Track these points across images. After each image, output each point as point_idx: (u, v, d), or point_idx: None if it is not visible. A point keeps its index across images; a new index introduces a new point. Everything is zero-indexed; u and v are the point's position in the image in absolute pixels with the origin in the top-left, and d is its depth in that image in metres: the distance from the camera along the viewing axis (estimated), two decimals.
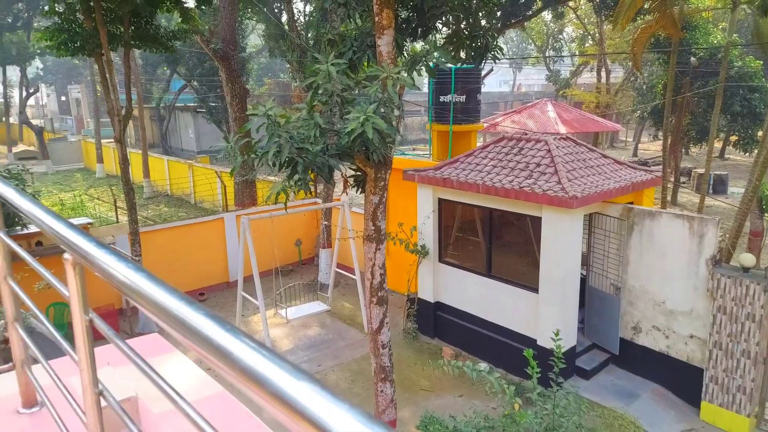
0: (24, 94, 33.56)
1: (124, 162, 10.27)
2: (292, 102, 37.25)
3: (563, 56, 39.53)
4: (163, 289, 0.93)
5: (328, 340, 11.19)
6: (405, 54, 7.34)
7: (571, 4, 27.40)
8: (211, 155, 29.01)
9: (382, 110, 5.45)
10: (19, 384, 2.12)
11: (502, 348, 9.59)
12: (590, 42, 36.39)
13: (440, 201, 10.55)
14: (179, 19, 11.15)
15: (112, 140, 34.21)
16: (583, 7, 31.99)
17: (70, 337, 1.50)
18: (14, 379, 2.16)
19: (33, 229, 10.16)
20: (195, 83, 32.70)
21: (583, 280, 9.58)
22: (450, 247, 10.87)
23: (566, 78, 36.91)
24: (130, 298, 1.00)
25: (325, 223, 14.08)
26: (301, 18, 24.49)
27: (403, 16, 7.46)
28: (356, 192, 7.00)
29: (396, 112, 5.54)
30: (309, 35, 17.92)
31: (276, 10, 22.17)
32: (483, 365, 5.80)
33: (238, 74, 16.87)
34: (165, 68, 34.07)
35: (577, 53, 37.21)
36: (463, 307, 10.42)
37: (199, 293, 13.24)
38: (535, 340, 8.97)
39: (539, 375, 5.38)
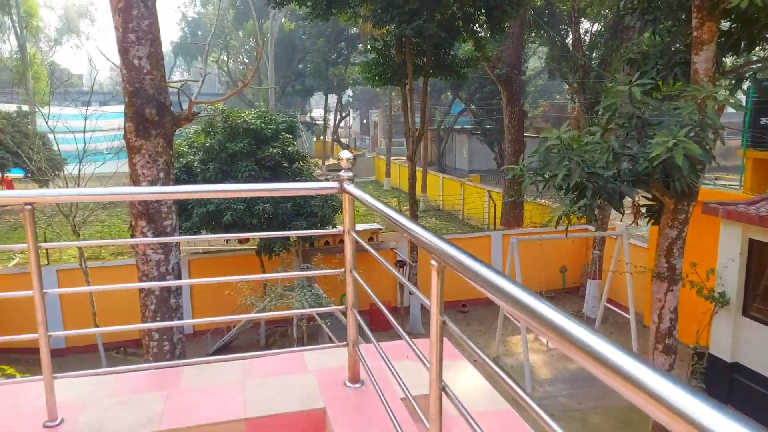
0: (338, 117, 40.58)
1: (413, 178, 11.46)
2: (568, 123, 36.04)
3: None
4: (521, 289, 1.02)
5: (591, 378, 10.36)
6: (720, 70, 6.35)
7: None
8: (482, 174, 30.13)
9: (692, 134, 4.81)
10: (348, 360, 2.53)
11: None
12: None
13: (752, 242, 8.75)
14: (467, 48, 11.94)
15: (400, 157, 38.60)
16: None
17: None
18: (344, 355, 2.58)
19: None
20: (473, 107, 34.63)
21: None
22: (759, 300, 8.90)
23: None
24: (492, 296, 1.09)
25: (596, 252, 13.15)
26: (586, 38, 23.58)
27: (723, 28, 6.48)
28: (647, 223, 6.33)
29: (711, 136, 4.83)
30: (594, 55, 17.11)
31: (561, 32, 21.85)
32: None
33: (517, 97, 17.15)
34: (448, 94, 36.90)
35: None
36: None
37: (461, 305, 13.83)
38: None
39: None
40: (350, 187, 2.31)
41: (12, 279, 11.26)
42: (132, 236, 4.89)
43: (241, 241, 11.33)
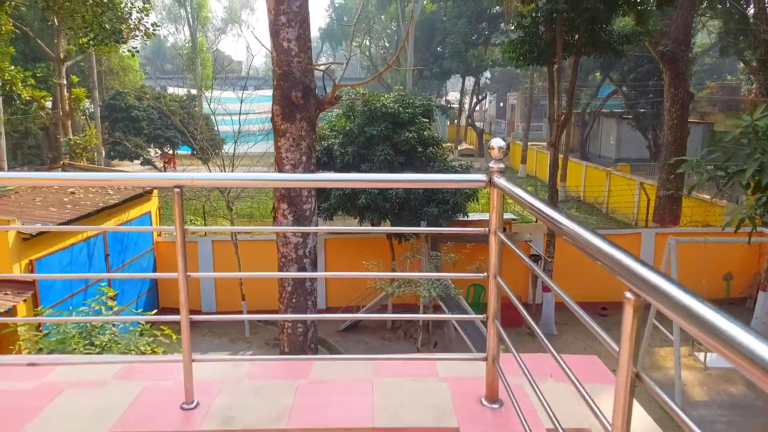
0: (474, 100, 39.62)
1: (554, 166, 10.66)
2: (742, 108, 31.27)
3: None
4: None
5: (757, 407, 8.91)
6: None
7: None
8: (631, 163, 27.44)
9: None
10: (486, 376, 2.26)
11: None
12: None
13: None
14: (623, 22, 10.68)
15: (537, 143, 36.78)
16: None
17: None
18: (481, 366, 2.31)
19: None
20: (624, 89, 31.56)
21: None
22: None
23: None
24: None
25: None
26: None
27: None
28: None
29: None
30: None
31: (741, 2, 18.83)
32: None
33: (683, 78, 15.13)
34: (597, 74, 34.06)
35: None
36: None
37: (601, 307, 12.72)
38: None
39: None
40: (501, 181, 2.01)
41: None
42: (274, 218, 5.05)
43: (374, 223, 11.50)
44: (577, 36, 9.72)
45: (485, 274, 2.19)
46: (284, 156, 4.78)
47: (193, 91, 34.37)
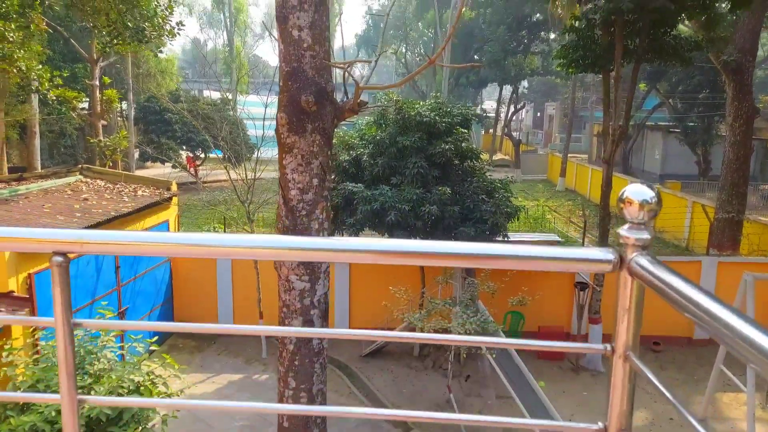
0: (511, 110, 38.34)
1: (608, 186, 9.55)
2: None
3: None
4: None
5: None
6: None
7: None
8: (683, 181, 25.75)
9: None
10: None
11: None
12: None
13: None
14: (683, 28, 9.50)
15: (576, 155, 35.14)
16: None
17: None
18: None
19: None
20: (671, 101, 29.87)
21: None
22: None
23: None
24: None
25: None
26: None
27: None
28: None
29: None
30: None
31: None
32: None
33: (749, 90, 13.76)
34: (643, 85, 32.42)
35: None
36: None
37: (653, 342, 11.45)
38: None
39: None
40: (643, 262, 1.07)
41: (195, 258, 11.99)
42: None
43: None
44: (638, 40, 8.62)
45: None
46: (290, 178, 3.73)
47: (229, 95, 34.25)
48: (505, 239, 10.10)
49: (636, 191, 1.11)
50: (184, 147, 29.56)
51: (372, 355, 10.98)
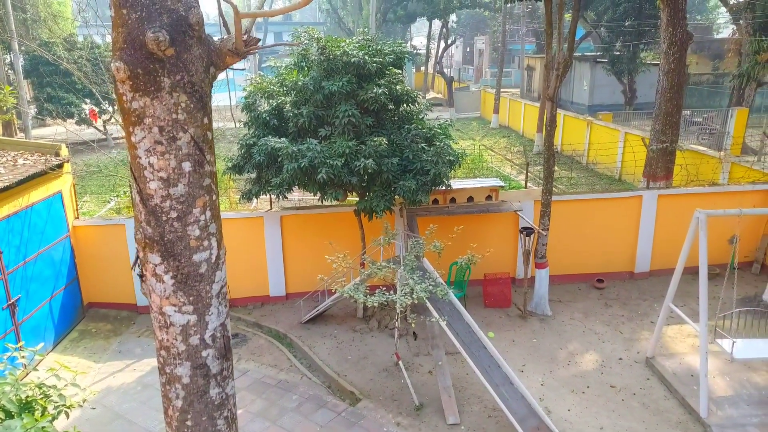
0: (442, 46, 37.08)
1: (551, 123, 8.91)
2: (724, 49, 29.92)
3: None
4: None
5: None
6: None
7: None
8: (606, 111, 25.97)
9: None
10: None
11: None
12: None
13: None
14: None
15: (507, 90, 34.71)
16: None
17: None
18: None
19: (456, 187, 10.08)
20: (597, 31, 29.74)
21: None
22: None
23: None
24: None
25: None
26: None
27: None
28: None
29: None
30: None
31: None
32: None
33: (683, 16, 13.41)
34: (569, 15, 32.03)
35: None
36: None
37: (597, 279, 11.39)
38: None
39: None
40: None
41: (101, 230, 10.49)
42: (141, 277, 2.57)
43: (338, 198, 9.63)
44: None
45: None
46: (145, 163, 2.35)
47: None
48: (448, 189, 9.38)
49: None
50: (88, 100, 26.46)
51: (313, 321, 10.22)
